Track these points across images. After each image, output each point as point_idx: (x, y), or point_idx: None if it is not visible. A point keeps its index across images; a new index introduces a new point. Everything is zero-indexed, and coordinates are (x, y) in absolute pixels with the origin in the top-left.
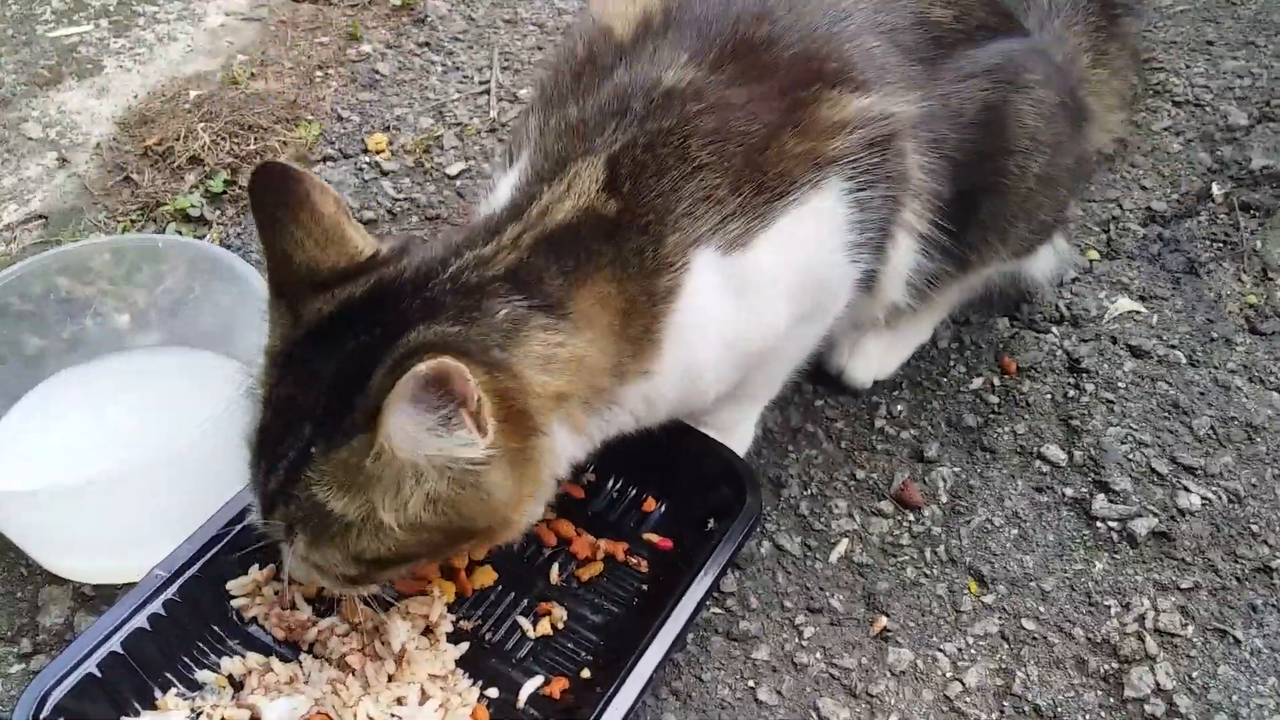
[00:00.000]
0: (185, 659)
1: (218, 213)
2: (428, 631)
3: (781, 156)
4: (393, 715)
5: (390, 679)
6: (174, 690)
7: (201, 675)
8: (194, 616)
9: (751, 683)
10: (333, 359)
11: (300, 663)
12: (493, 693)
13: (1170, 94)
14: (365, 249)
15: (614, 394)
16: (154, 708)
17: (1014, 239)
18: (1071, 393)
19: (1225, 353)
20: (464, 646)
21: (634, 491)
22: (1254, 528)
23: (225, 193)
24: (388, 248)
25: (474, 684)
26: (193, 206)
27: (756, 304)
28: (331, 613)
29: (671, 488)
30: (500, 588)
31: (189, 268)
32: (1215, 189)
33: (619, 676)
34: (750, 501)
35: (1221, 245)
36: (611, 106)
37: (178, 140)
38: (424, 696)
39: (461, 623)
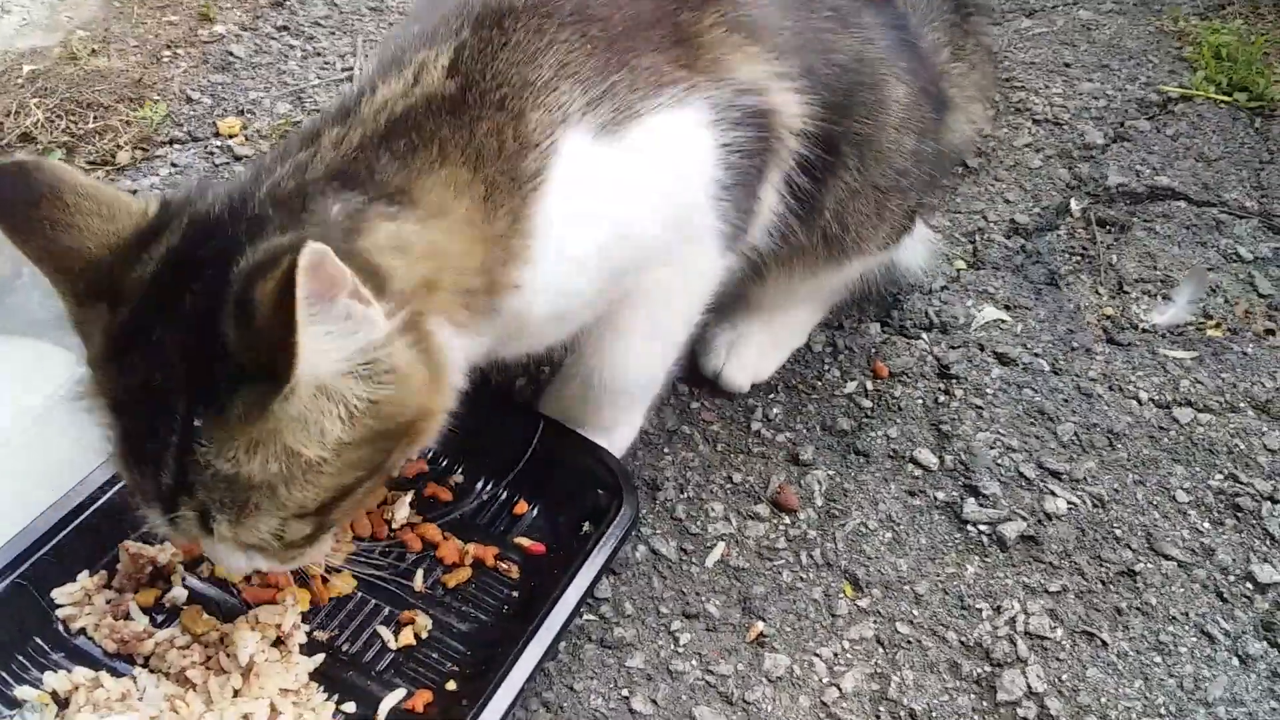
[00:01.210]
0: (2, 673)
1: None
2: (279, 643)
3: (655, 67)
4: None
5: (236, 694)
6: None
7: (21, 691)
8: (13, 627)
9: (626, 692)
10: (177, 321)
11: (134, 677)
12: (350, 708)
13: (1030, 112)
14: (150, 204)
15: (489, 302)
16: None
17: (887, 218)
18: (942, 398)
19: (1086, 362)
20: (319, 658)
21: (505, 494)
22: (1117, 532)
23: None
24: (184, 191)
25: (329, 698)
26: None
27: (628, 203)
28: (171, 623)
29: (544, 490)
30: (360, 596)
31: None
32: (1074, 204)
33: (487, 688)
34: (626, 505)
35: (1080, 258)
36: (455, 6)
37: (8, 116)
38: (273, 713)
39: (316, 633)
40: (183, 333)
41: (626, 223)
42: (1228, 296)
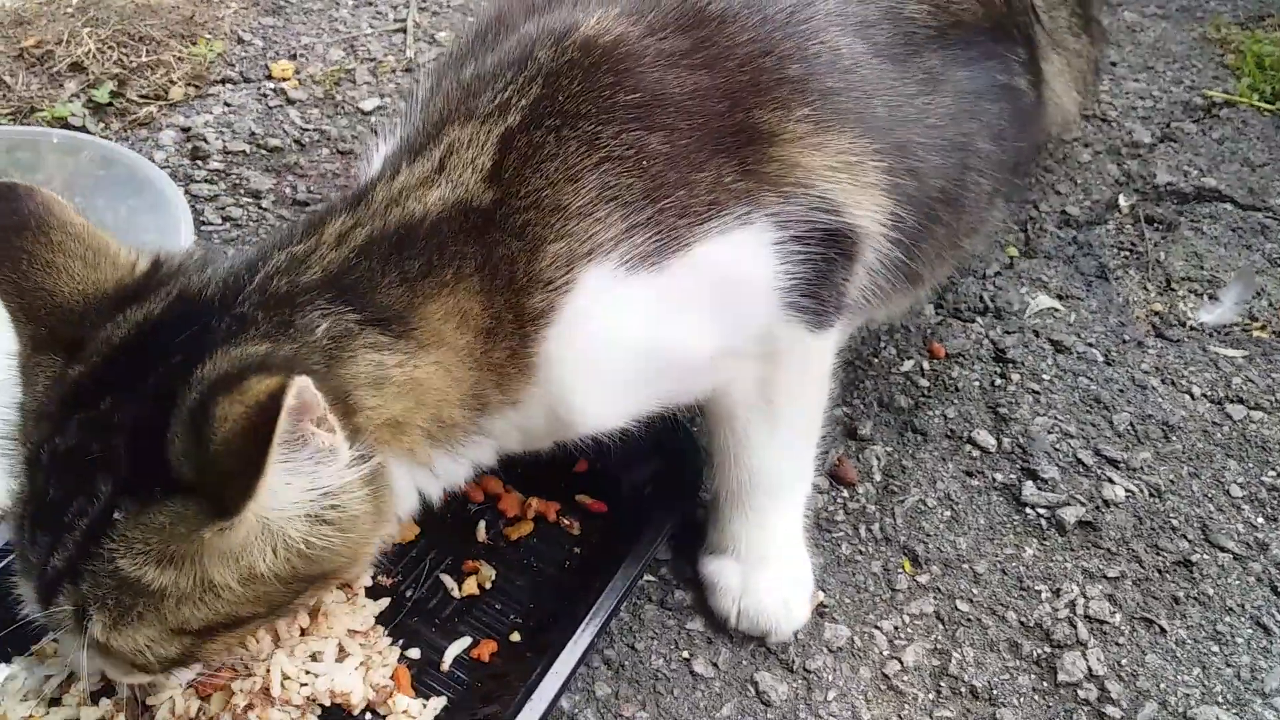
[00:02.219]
0: None
1: (101, 125)
2: (344, 585)
3: (716, 184)
4: (308, 672)
5: (303, 633)
6: (51, 635)
7: None
8: None
9: (686, 654)
10: (133, 399)
11: None
12: (414, 653)
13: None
14: (141, 260)
15: (474, 425)
16: None
17: (965, 243)
18: (999, 381)
19: (1138, 354)
20: (384, 603)
21: (566, 450)
22: (1174, 522)
23: (111, 105)
24: (184, 254)
25: (394, 643)
26: (73, 115)
27: (666, 332)
28: None
29: (605, 451)
30: (423, 543)
31: (76, 170)
32: (1122, 200)
33: (552, 643)
34: (691, 470)
35: (1129, 254)
36: (510, 56)
37: (59, 44)
38: (342, 654)
39: (380, 578)
40: (135, 413)
41: (667, 349)
42: (1273, 300)
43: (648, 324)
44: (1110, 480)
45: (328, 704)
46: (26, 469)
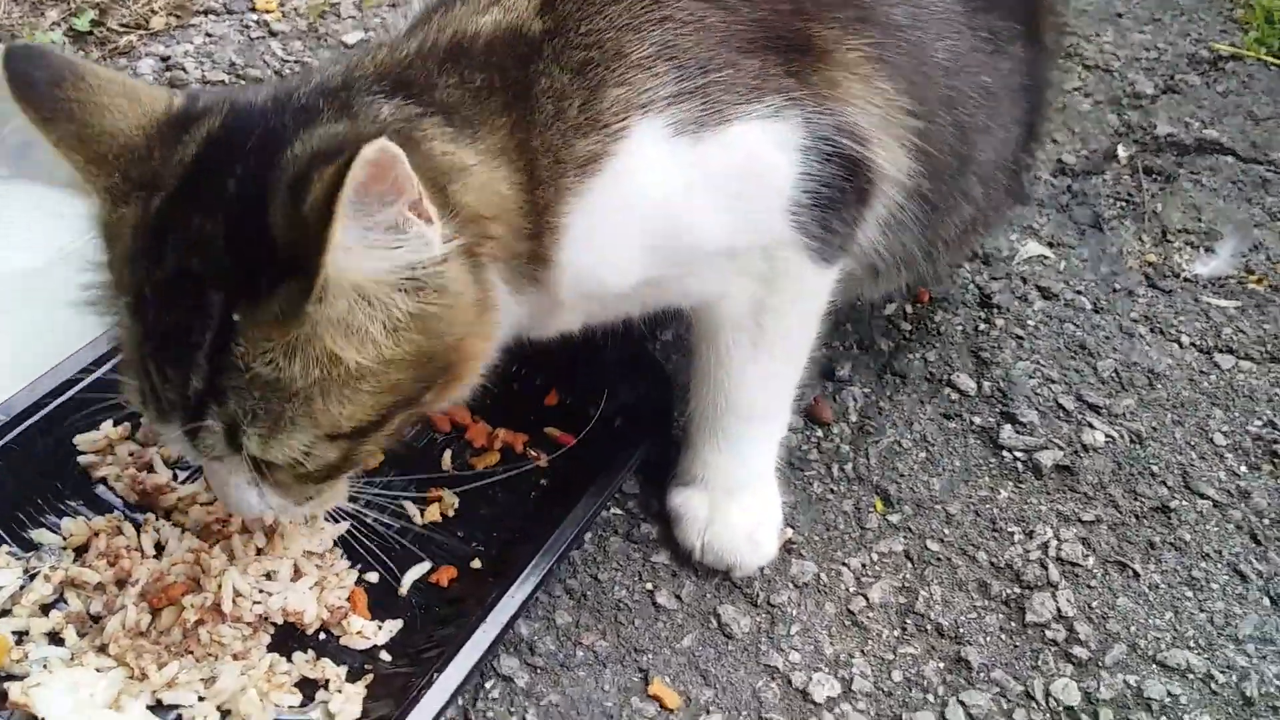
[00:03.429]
0: (20, 516)
1: (81, 53)
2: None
3: (763, 70)
4: (261, 590)
5: (259, 552)
6: (4, 548)
7: (38, 535)
8: (32, 470)
9: (650, 585)
10: (220, 206)
11: (157, 529)
12: (373, 577)
13: (1081, 57)
14: (174, 97)
15: (530, 269)
16: None
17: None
18: (982, 326)
19: (1128, 303)
20: (343, 526)
21: (537, 382)
22: (1154, 468)
23: (91, 33)
24: (214, 93)
25: (352, 567)
26: (53, 43)
27: (689, 206)
28: (195, 479)
29: (577, 383)
30: (387, 470)
31: None
32: (1121, 151)
33: (512, 570)
34: (662, 403)
35: (1125, 204)
36: None
37: None
38: (297, 574)
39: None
40: (226, 219)
41: (684, 225)
42: (1270, 253)
43: (674, 191)
44: (1090, 425)
45: (280, 622)
46: (133, 316)
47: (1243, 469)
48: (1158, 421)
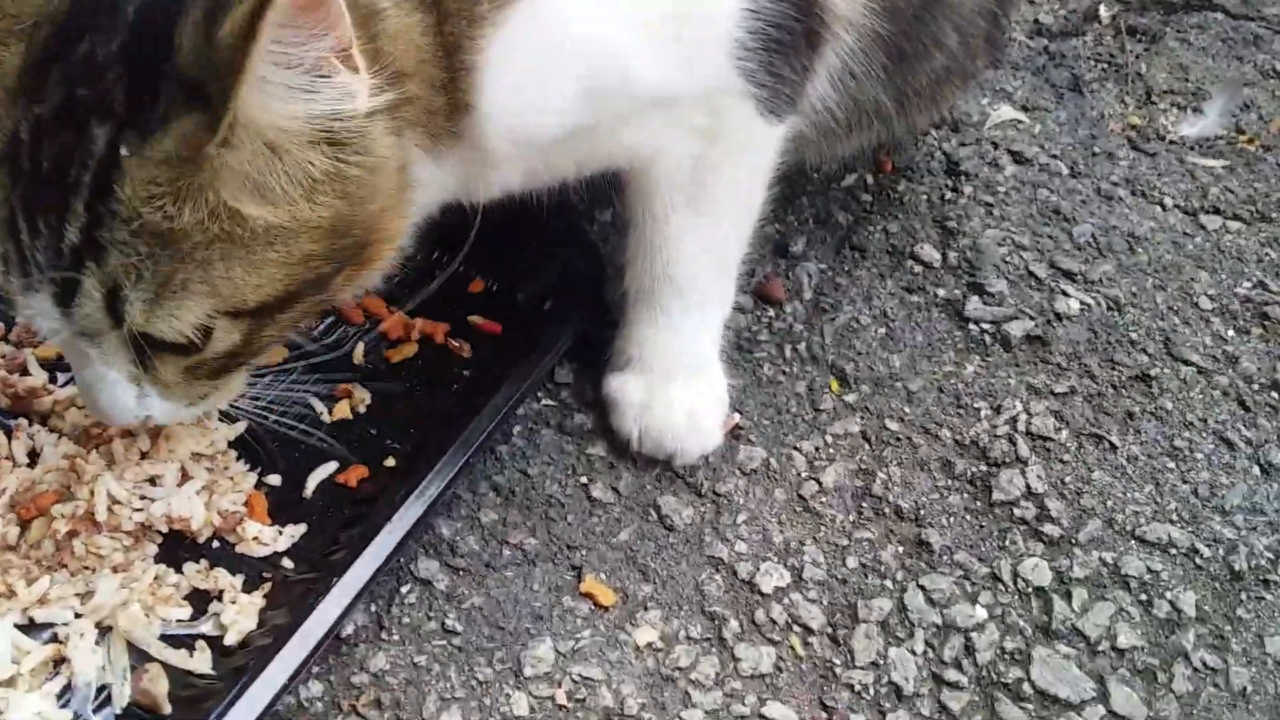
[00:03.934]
0: None
1: None
2: None
3: None
4: (141, 496)
5: (144, 456)
6: None
7: None
8: None
9: (585, 479)
10: (113, 33)
11: (31, 435)
12: (274, 479)
13: None
14: None
15: (448, 125)
16: None
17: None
18: (949, 195)
19: (1108, 166)
20: (240, 426)
21: (459, 268)
22: (1133, 335)
23: None
24: None
25: (251, 469)
26: None
27: (624, 33)
28: (73, 382)
29: (503, 265)
30: (290, 365)
31: None
32: (1103, 10)
33: (428, 467)
34: (595, 284)
35: (1107, 66)
36: None
37: None
38: (184, 477)
39: (239, 400)
40: (122, 44)
41: (616, 65)
42: (1262, 112)
43: (605, 25)
44: (1064, 293)
45: (165, 530)
46: (4, 164)
47: (1230, 333)
48: (1138, 287)
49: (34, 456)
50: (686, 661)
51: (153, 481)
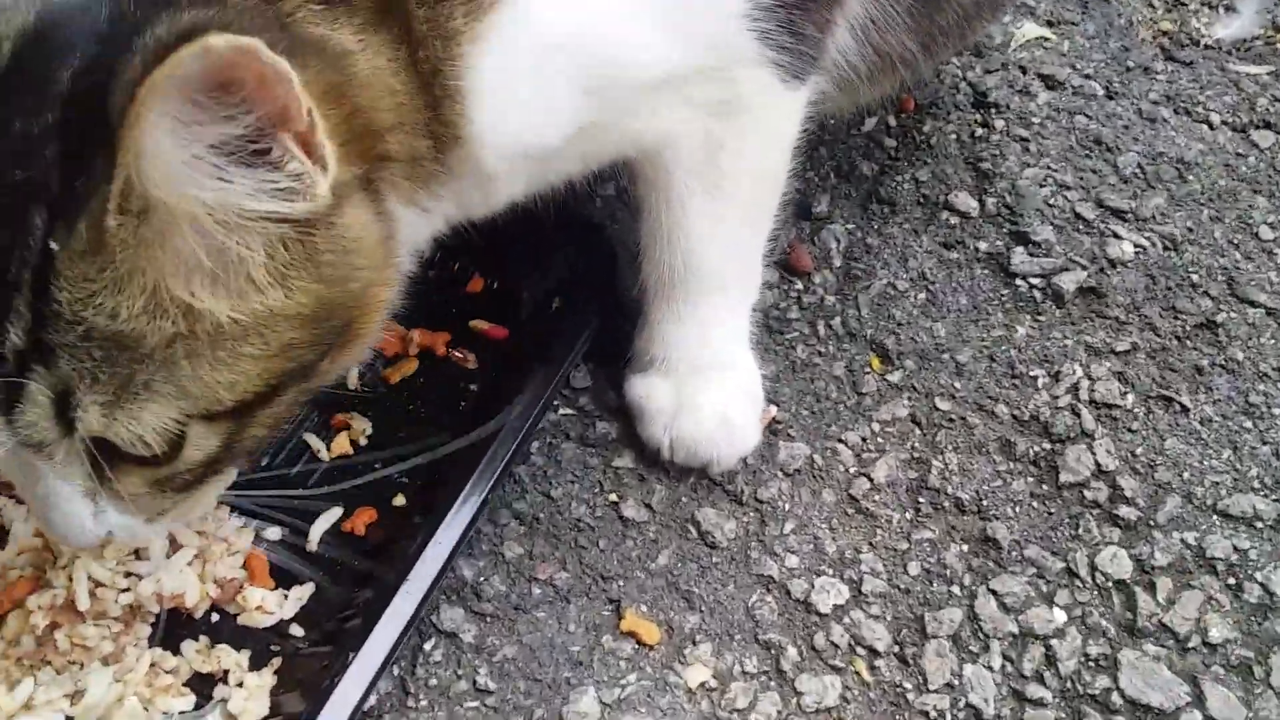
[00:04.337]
0: None
1: None
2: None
3: None
4: (126, 574)
5: None
6: None
7: None
8: None
9: (614, 496)
10: (45, 107)
11: None
12: (274, 534)
13: None
14: None
15: (435, 165)
16: None
17: None
18: (980, 131)
19: (1145, 83)
20: (228, 477)
21: (455, 267)
22: (1194, 277)
23: None
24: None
25: (245, 524)
26: None
27: (617, 20)
28: None
29: (502, 261)
30: None
31: None
32: None
33: (444, 503)
34: (606, 274)
35: None
36: None
37: None
38: (172, 546)
39: None
40: (58, 119)
41: (616, 52)
42: None
43: (597, 9)
44: (1116, 235)
45: (158, 610)
46: None
47: None
48: (1193, 221)
49: (2, 534)
50: (745, 701)
51: (137, 555)
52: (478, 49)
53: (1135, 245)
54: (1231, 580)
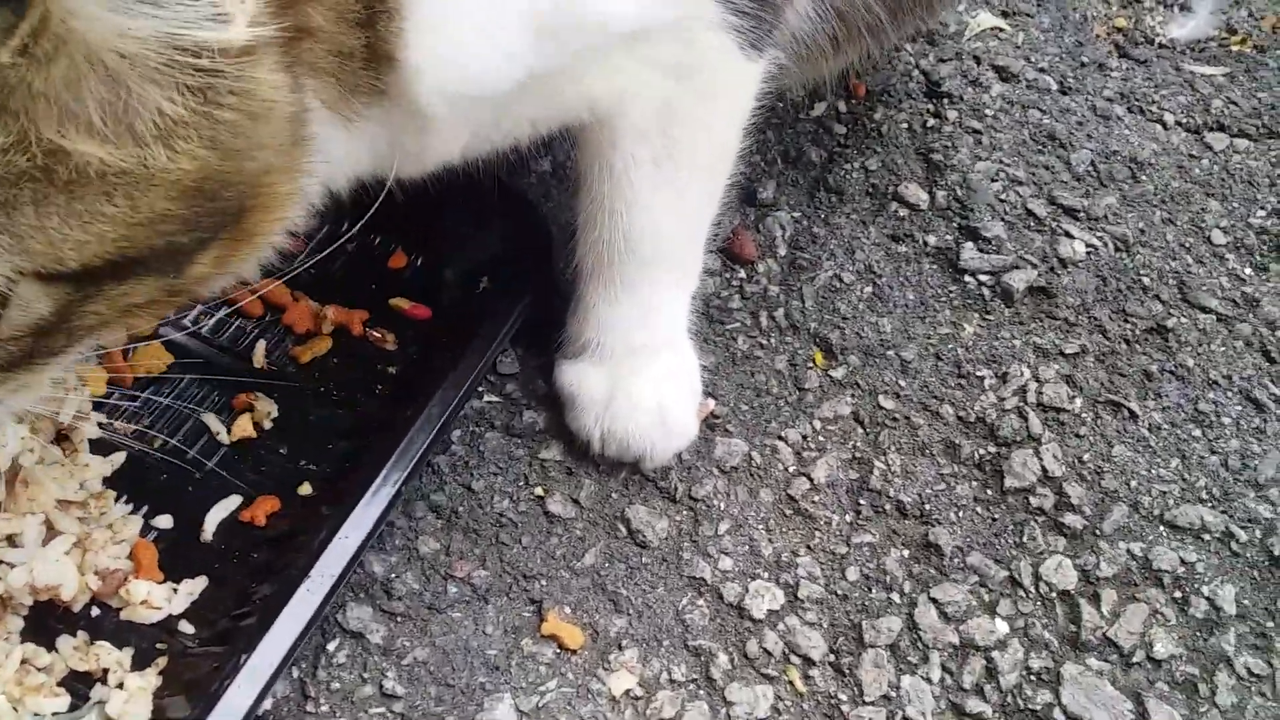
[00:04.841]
0: None
1: None
2: (61, 440)
3: None
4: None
5: None
6: None
7: None
8: None
9: (539, 490)
10: None
11: None
12: (164, 521)
13: None
14: None
15: (368, 78)
16: None
17: None
18: (931, 121)
19: (1100, 79)
20: (118, 458)
21: (375, 240)
22: (1145, 280)
23: None
24: None
25: (134, 510)
26: None
27: None
28: None
29: (428, 236)
30: (180, 377)
31: None
32: None
33: (354, 492)
34: (540, 255)
35: None
36: None
37: None
38: (50, 531)
39: (117, 424)
40: None
41: None
42: (1253, 9)
43: None
44: (1068, 234)
45: (29, 602)
46: None
47: (1247, 271)
48: (1145, 222)
49: None
50: (672, 711)
51: (10, 541)
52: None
53: (1087, 245)
54: (1178, 593)
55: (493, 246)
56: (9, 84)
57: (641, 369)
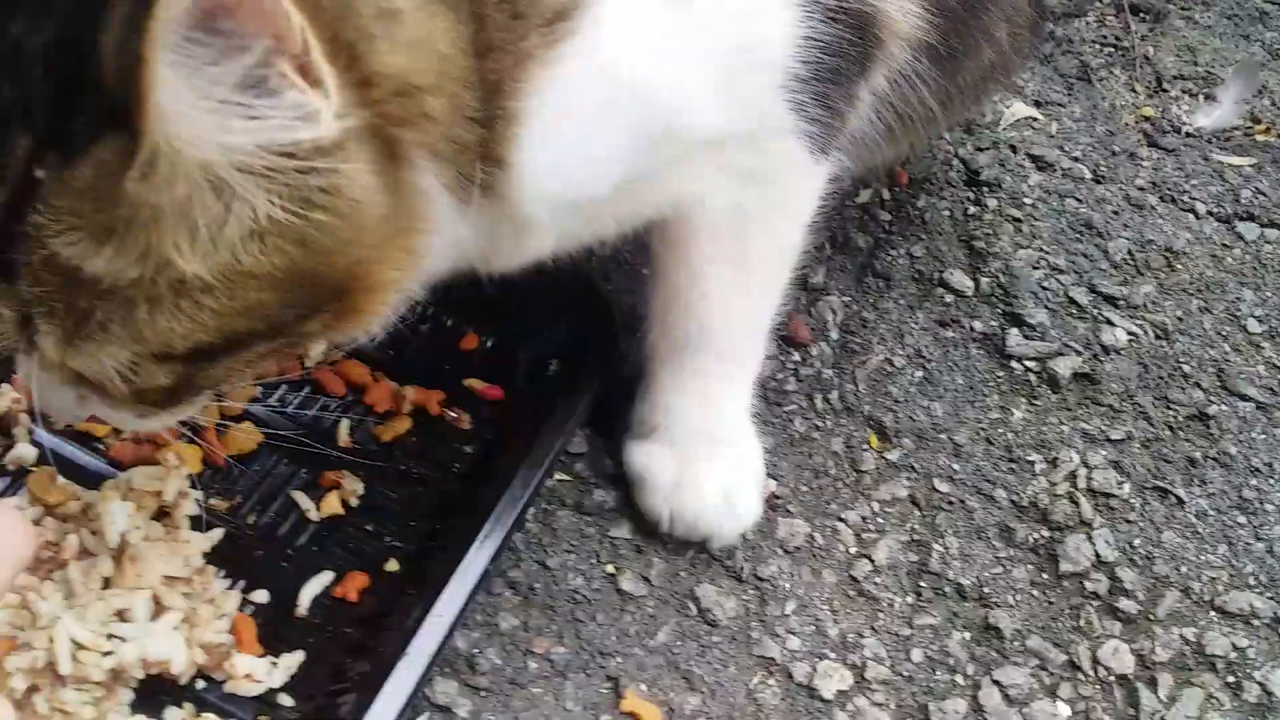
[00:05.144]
0: None
1: None
2: (162, 515)
3: None
4: (111, 637)
5: (106, 584)
6: None
7: None
8: None
9: (611, 568)
10: (45, 18)
11: None
12: (261, 596)
13: None
14: None
15: (480, 170)
16: None
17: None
18: (972, 209)
19: (1131, 168)
20: (216, 535)
21: (449, 323)
22: (1185, 368)
23: None
24: None
25: (233, 585)
26: None
27: (680, 79)
28: (16, 490)
29: (499, 319)
30: (267, 453)
31: None
32: None
33: (439, 571)
34: (604, 339)
35: (1113, 50)
36: None
37: None
38: (158, 608)
39: (213, 502)
40: (54, 36)
41: (673, 106)
42: (1275, 98)
43: (661, 61)
44: (1109, 322)
45: (141, 676)
46: None
47: None
48: (1183, 310)
49: None
50: None
51: (121, 616)
52: (545, 76)
53: (1129, 333)
54: (1231, 678)
55: (565, 331)
56: (134, 204)
57: (708, 453)
